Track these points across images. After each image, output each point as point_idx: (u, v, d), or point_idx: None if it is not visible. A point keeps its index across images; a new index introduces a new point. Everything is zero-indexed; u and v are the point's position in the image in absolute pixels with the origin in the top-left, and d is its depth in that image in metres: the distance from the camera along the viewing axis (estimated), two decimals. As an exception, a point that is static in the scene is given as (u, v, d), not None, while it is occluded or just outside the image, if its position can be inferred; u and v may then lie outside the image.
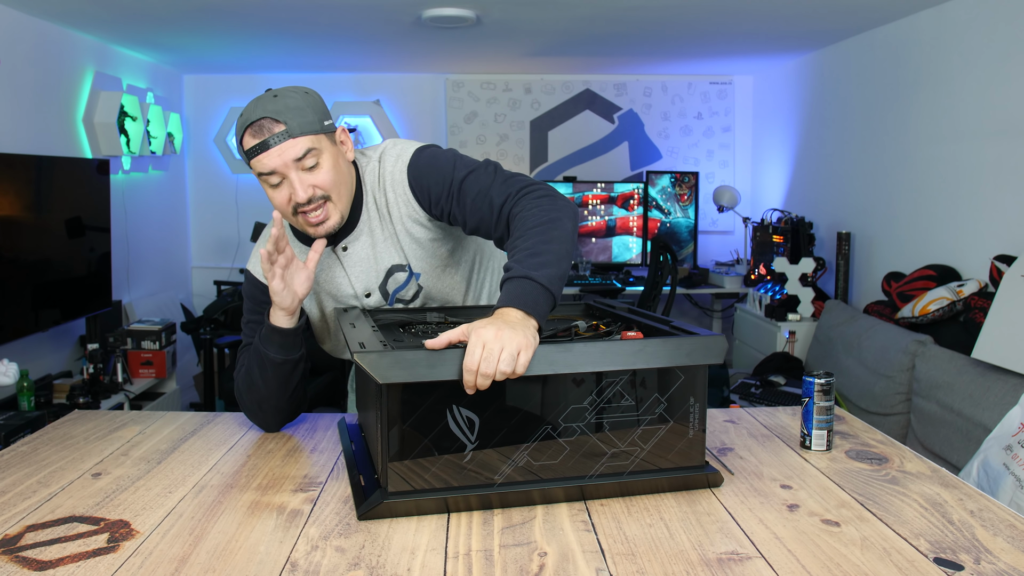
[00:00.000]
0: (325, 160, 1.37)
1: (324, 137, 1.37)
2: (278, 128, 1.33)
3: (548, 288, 1.19)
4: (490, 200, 1.36)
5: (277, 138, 1.33)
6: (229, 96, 5.31)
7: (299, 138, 1.34)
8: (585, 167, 5.44)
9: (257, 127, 1.33)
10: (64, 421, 1.63)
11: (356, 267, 1.50)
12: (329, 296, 1.53)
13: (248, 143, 1.35)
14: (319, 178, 1.36)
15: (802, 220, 4.32)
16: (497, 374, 1.07)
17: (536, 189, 1.34)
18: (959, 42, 3.25)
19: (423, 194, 1.43)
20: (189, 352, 4.94)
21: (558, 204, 1.31)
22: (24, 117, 3.51)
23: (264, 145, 1.33)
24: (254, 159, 1.36)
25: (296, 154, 1.34)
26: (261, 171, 1.36)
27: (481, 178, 1.38)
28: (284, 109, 1.33)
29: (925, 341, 2.99)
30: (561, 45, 4.34)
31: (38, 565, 1.01)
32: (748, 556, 1.03)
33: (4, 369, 3.15)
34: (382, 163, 1.47)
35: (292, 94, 1.36)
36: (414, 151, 1.45)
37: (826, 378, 1.41)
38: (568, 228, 1.28)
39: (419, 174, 1.43)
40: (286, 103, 1.34)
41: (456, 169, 1.40)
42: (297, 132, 1.33)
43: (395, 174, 1.45)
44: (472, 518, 1.14)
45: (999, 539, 1.07)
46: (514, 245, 1.26)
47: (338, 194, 1.40)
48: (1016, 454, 2.18)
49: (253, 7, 3.42)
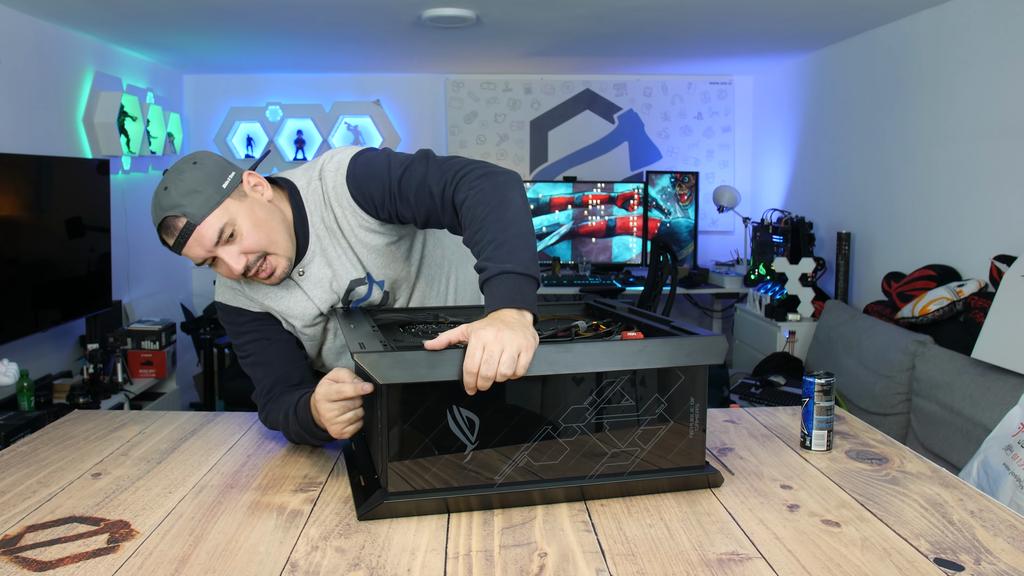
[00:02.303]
0: (243, 223, 1.34)
1: (231, 201, 1.34)
2: (182, 223, 1.30)
3: (527, 273, 1.18)
4: (429, 191, 1.34)
5: (185, 232, 1.31)
6: (229, 96, 5.31)
7: (205, 220, 1.31)
8: (585, 167, 5.44)
9: (165, 228, 1.32)
10: (64, 421, 1.63)
11: (316, 288, 1.47)
12: (297, 320, 1.51)
13: (167, 242, 1.34)
14: (245, 244, 1.34)
15: (802, 220, 4.32)
16: (498, 376, 1.07)
17: (472, 170, 1.33)
18: (959, 42, 3.25)
19: (367, 201, 1.41)
20: (189, 352, 4.94)
21: (499, 180, 1.29)
22: (24, 117, 3.50)
23: (179, 244, 1.33)
24: (180, 254, 1.36)
25: (212, 238, 1.31)
26: (193, 263, 1.36)
27: (416, 172, 1.37)
28: (179, 198, 1.31)
29: (925, 341, 2.99)
30: (561, 45, 4.34)
31: (38, 565, 1.01)
32: (748, 556, 1.03)
33: (4, 369, 3.15)
34: (323, 180, 1.44)
35: (181, 176, 1.33)
36: (348, 161, 1.43)
37: (826, 378, 1.41)
38: (518, 202, 1.27)
39: (358, 183, 1.41)
40: (178, 190, 1.31)
41: (392, 169, 1.38)
42: (200, 216, 1.31)
43: (336, 188, 1.43)
44: (472, 518, 1.14)
45: (999, 539, 1.07)
46: (475, 240, 1.25)
47: (272, 243, 1.37)
48: (1016, 454, 2.18)
49: (253, 7, 3.42)
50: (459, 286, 1.66)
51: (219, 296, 1.52)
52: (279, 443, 1.49)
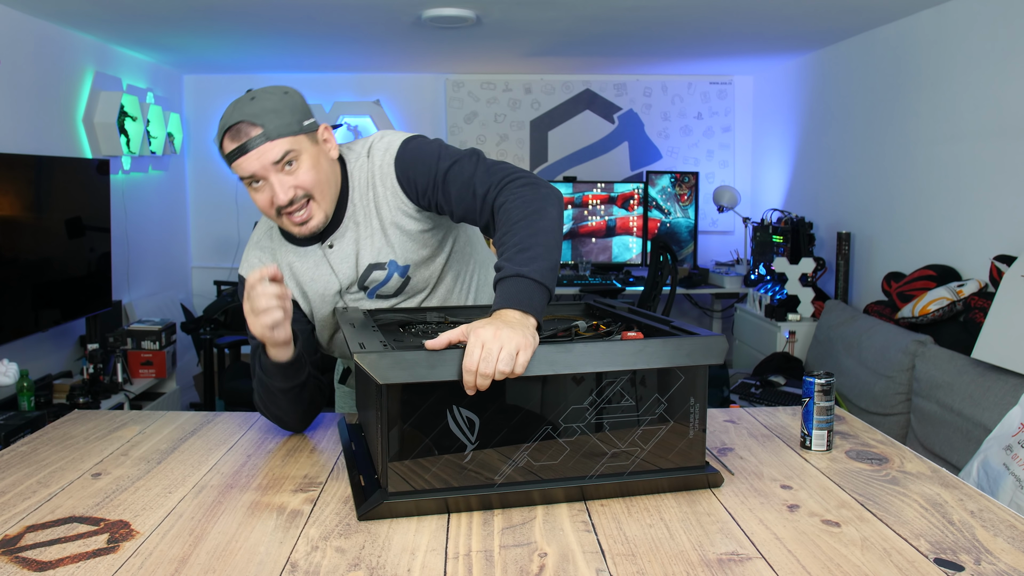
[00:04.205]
0: (305, 160, 1.36)
1: (304, 137, 1.37)
2: (255, 132, 1.32)
3: (541, 282, 1.19)
4: (473, 189, 1.36)
5: (255, 142, 1.32)
6: (229, 96, 5.28)
7: (277, 140, 1.33)
8: (585, 167, 5.44)
9: (235, 131, 1.33)
10: (64, 421, 1.63)
11: (342, 263, 1.49)
12: (317, 296, 1.52)
13: (227, 147, 1.35)
14: (299, 179, 1.36)
15: (802, 220, 4.32)
16: (496, 374, 1.07)
17: (518, 177, 1.34)
18: (959, 42, 3.25)
19: (410, 186, 1.43)
20: (189, 352, 4.94)
21: (541, 192, 1.31)
22: (24, 117, 3.50)
23: (242, 149, 1.34)
24: (234, 163, 1.36)
25: (274, 157, 1.33)
26: (242, 175, 1.37)
27: (465, 168, 1.38)
28: (261, 112, 1.33)
29: (925, 341, 2.99)
30: (561, 45, 4.34)
31: (38, 566, 1.01)
32: (748, 556, 1.03)
33: (4, 369, 3.15)
34: (371, 158, 1.47)
35: (270, 95, 1.36)
36: (400, 144, 1.45)
37: (826, 378, 1.41)
38: (554, 215, 1.28)
39: (406, 167, 1.43)
40: (263, 105, 1.34)
41: (441, 160, 1.40)
42: (275, 135, 1.33)
43: (383, 167, 1.45)
44: (472, 518, 1.14)
45: (999, 539, 1.07)
46: (502, 241, 1.26)
47: (320, 193, 1.40)
48: (1016, 454, 2.18)
49: (253, 7, 3.42)
50: (480, 286, 1.68)
51: (244, 270, 1.53)
52: (279, 443, 1.49)
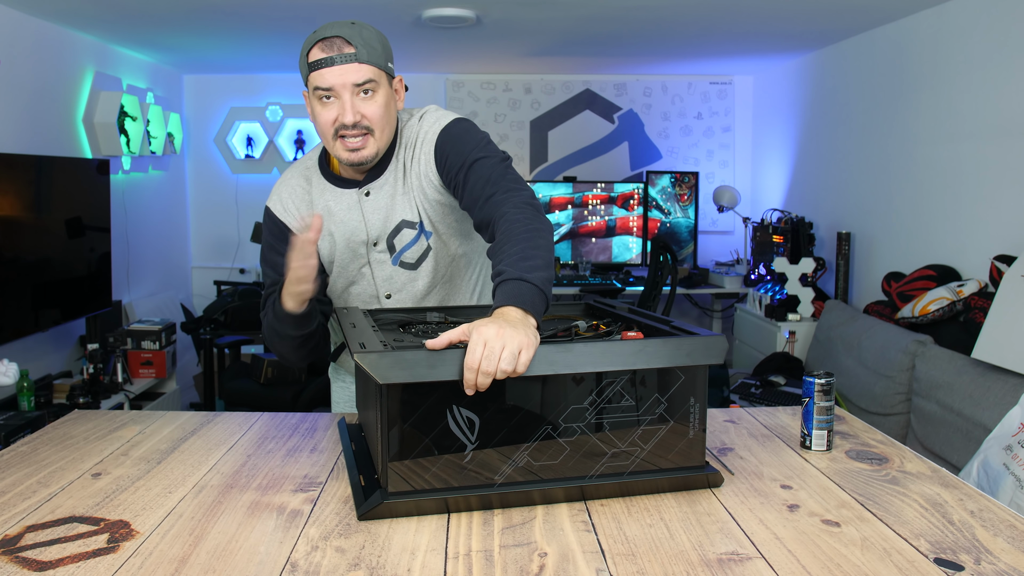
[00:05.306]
0: (380, 95, 1.43)
1: (385, 76, 1.45)
2: (348, 49, 1.39)
3: (542, 290, 1.21)
4: (486, 185, 1.41)
5: (344, 58, 1.39)
6: (229, 96, 5.31)
7: (364, 65, 1.40)
8: (585, 167, 5.44)
9: (328, 43, 1.40)
10: (64, 421, 1.63)
11: (374, 215, 1.54)
12: (343, 240, 1.57)
13: (315, 55, 1.40)
14: (369, 108, 1.43)
15: (802, 220, 4.32)
16: (498, 372, 1.07)
17: (529, 197, 1.40)
18: (959, 42, 3.25)
19: (442, 160, 1.49)
20: (189, 352, 4.94)
21: (541, 218, 1.37)
22: (24, 117, 3.50)
23: (330, 61, 1.40)
24: (315, 72, 1.41)
25: (357, 79, 1.40)
26: (319, 85, 1.41)
27: (491, 166, 1.43)
28: (358, 36, 1.40)
29: (925, 341, 2.99)
30: (561, 45, 4.34)
31: (38, 565, 1.01)
32: (748, 556, 1.03)
33: (4, 369, 3.15)
34: (422, 122, 1.54)
35: (369, 29, 1.43)
36: (451, 120, 1.52)
37: (826, 378, 1.41)
38: (550, 240, 1.33)
39: (445, 142, 1.49)
40: (362, 33, 1.41)
41: (476, 149, 1.46)
42: (364, 59, 1.40)
43: (428, 135, 1.51)
44: (472, 518, 1.14)
45: (999, 539, 1.07)
46: (502, 250, 1.29)
47: (380, 130, 1.46)
48: (1016, 454, 2.18)
49: (253, 7, 3.42)
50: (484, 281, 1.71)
51: (273, 204, 1.58)
52: (279, 443, 1.49)
